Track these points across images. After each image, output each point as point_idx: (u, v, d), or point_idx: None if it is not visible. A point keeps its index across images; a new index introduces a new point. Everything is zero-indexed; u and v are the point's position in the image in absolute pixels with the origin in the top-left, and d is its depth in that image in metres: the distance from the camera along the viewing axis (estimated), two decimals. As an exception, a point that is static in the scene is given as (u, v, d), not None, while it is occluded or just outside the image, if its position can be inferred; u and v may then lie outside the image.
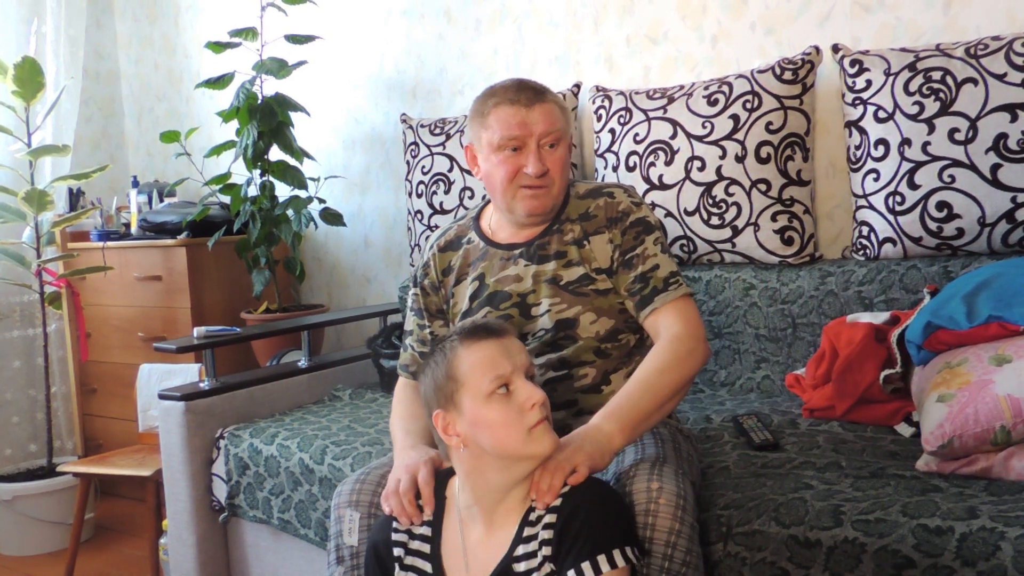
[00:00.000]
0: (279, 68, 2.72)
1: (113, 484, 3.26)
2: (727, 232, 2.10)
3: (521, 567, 1.19)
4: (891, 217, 1.91)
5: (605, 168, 2.29)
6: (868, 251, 1.97)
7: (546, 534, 1.17)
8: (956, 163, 1.81)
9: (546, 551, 1.16)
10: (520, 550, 1.19)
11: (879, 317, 1.80)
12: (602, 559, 1.12)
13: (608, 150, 2.28)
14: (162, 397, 2.15)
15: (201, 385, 2.20)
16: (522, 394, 1.19)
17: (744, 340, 2.09)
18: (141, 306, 2.99)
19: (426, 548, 1.28)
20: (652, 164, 2.18)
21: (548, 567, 1.16)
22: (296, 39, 2.76)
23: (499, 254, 1.53)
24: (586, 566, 1.12)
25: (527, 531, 1.20)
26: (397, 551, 1.29)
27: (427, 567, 1.27)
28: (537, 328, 1.48)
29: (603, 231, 1.49)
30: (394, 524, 1.30)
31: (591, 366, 1.46)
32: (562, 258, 1.49)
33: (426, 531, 1.29)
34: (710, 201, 2.11)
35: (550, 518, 1.17)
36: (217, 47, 2.77)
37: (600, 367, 1.47)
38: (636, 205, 1.51)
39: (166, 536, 2.24)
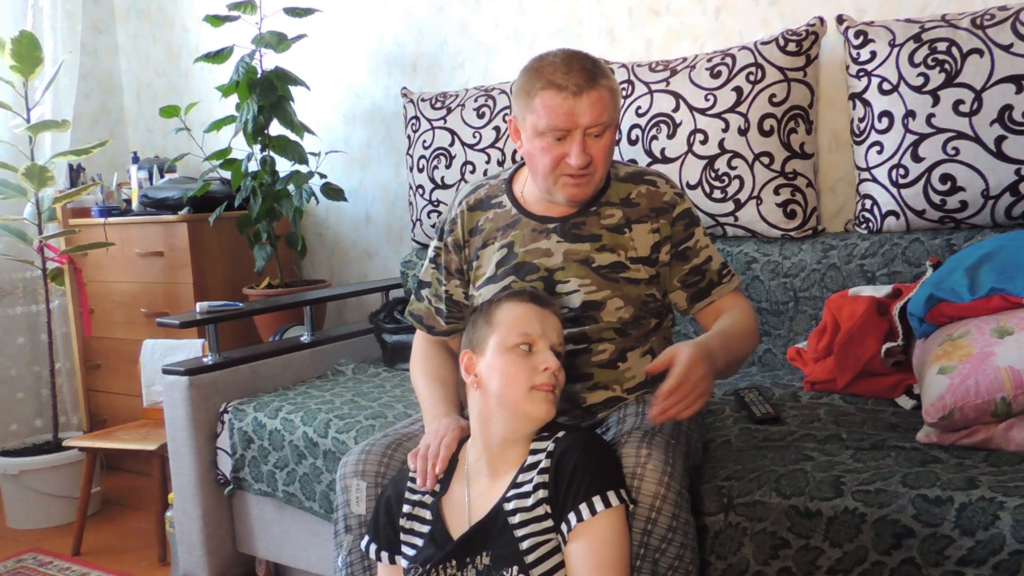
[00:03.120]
0: (278, 42, 2.69)
1: (118, 458, 3.29)
2: (730, 205, 2.10)
3: (511, 506, 1.25)
4: (894, 190, 1.90)
5: (607, 142, 2.28)
6: (871, 224, 1.97)
7: (541, 478, 1.23)
8: (960, 135, 1.80)
9: (542, 493, 1.23)
10: (512, 492, 1.26)
11: (881, 290, 1.80)
12: (597, 500, 1.19)
13: (610, 123, 2.27)
14: (166, 372, 2.16)
15: (204, 360, 2.21)
16: (540, 357, 1.29)
17: (746, 314, 2.09)
18: (143, 282, 2.99)
19: (429, 499, 1.35)
20: (654, 137, 2.17)
21: (544, 508, 1.22)
22: (295, 12, 2.74)
23: (531, 224, 1.50)
24: (583, 507, 1.19)
25: (521, 477, 1.27)
26: (407, 507, 1.36)
27: (427, 515, 1.34)
28: (560, 306, 1.47)
29: (646, 220, 1.47)
30: (409, 484, 1.37)
31: (610, 343, 1.47)
32: (597, 241, 1.47)
33: (436, 486, 1.36)
34: (712, 174, 2.10)
35: (545, 463, 1.24)
36: (215, 20, 2.74)
37: (618, 344, 1.47)
38: (679, 196, 1.51)
39: (172, 509, 2.26)
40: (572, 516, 1.20)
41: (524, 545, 1.22)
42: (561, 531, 1.21)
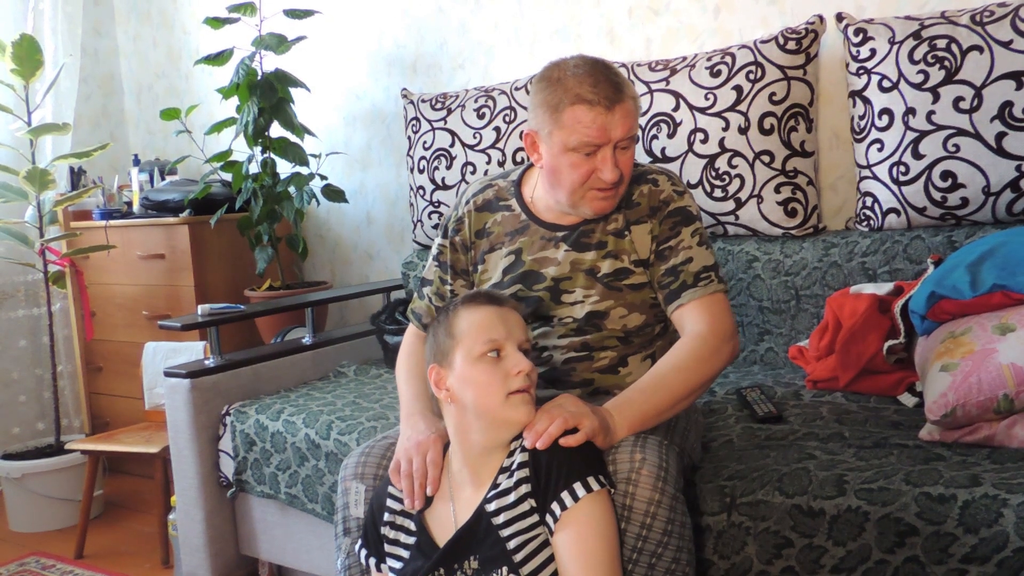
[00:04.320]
0: (278, 43, 2.70)
1: (121, 461, 3.29)
2: (730, 204, 2.10)
3: (492, 507, 1.23)
4: (895, 187, 1.90)
5: (607, 141, 2.28)
6: (872, 222, 1.97)
7: (521, 472, 1.22)
8: (961, 132, 1.80)
9: (525, 488, 1.21)
10: (492, 494, 1.24)
11: (883, 288, 1.80)
12: (578, 486, 1.17)
13: (610, 123, 2.26)
14: (168, 375, 2.16)
15: (206, 362, 2.21)
16: (510, 361, 1.25)
17: (747, 312, 2.09)
18: (145, 284, 2.99)
19: (409, 510, 1.33)
20: (655, 137, 2.17)
21: (528, 503, 1.21)
22: (295, 14, 2.74)
23: (541, 232, 1.48)
24: (565, 495, 1.18)
25: (501, 478, 1.25)
26: (388, 516, 1.34)
27: (410, 525, 1.32)
28: (565, 315, 1.45)
29: (645, 221, 1.44)
30: (389, 490, 1.35)
31: (612, 350, 1.46)
32: (602, 248, 1.45)
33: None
34: (713, 173, 2.10)
35: (522, 457, 1.22)
36: (216, 23, 2.75)
37: (620, 351, 1.46)
38: (678, 194, 1.46)
39: (175, 512, 2.26)
40: (556, 506, 1.18)
41: (511, 544, 1.20)
42: (547, 523, 1.20)
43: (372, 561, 1.36)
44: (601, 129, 1.33)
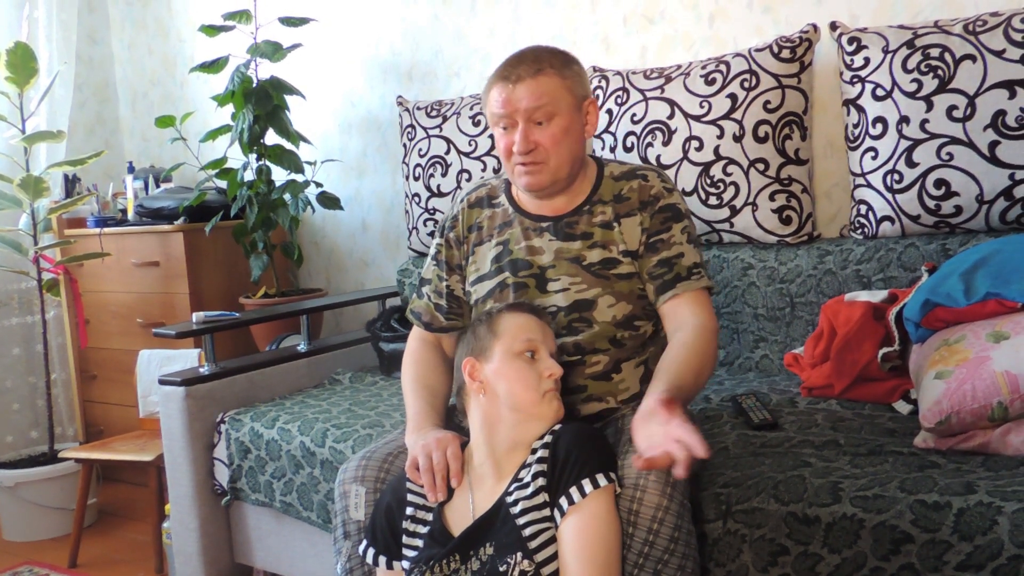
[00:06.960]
0: (274, 51, 2.70)
1: (115, 469, 3.27)
2: (725, 212, 2.10)
3: (512, 498, 1.27)
4: (889, 195, 1.91)
5: (603, 148, 2.29)
6: (866, 230, 1.97)
7: (539, 467, 1.27)
8: (954, 140, 1.81)
9: (541, 481, 1.26)
10: (513, 487, 1.29)
11: (877, 295, 1.80)
12: (587, 483, 1.23)
13: (605, 131, 2.27)
14: (162, 382, 2.16)
15: (201, 370, 2.20)
16: (543, 364, 1.36)
17: (742, 320, 2.10)
18: (139, 292, 2.99)
19: (432, 503, 1.36)
20: (650, 144, 2.18)
21: (543, 496, 1.26)
22: (290, 21, 2.74)
23: (526, 223, 1.55)
24: (574, 491, 1.23)
25: (523, 472, 1.30)
26: (410, 510, 1.36)
27: (428, 517, 1.35)
28: (550, 304, 1.49)
29: (635, 214, 1.49)
30: (408, 486, 1.37)
31: (604, 354, 1.47)
32: (588, 239, 1.49)
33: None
34: (708, 181, 2.11)
35: (543, 453, 1.28)
36: (211, 30, 2.75)
37: (613, 355, 1.48)
38: (668, 191, 1.51)
39: (169, 520, 2.25)
40: (564, 501, 1.23)
41: (527, 532, 1.24)
42: (555, 516, 1.25)
43: (383, 559, 1.37)
44: (506, 102, 1.43)
